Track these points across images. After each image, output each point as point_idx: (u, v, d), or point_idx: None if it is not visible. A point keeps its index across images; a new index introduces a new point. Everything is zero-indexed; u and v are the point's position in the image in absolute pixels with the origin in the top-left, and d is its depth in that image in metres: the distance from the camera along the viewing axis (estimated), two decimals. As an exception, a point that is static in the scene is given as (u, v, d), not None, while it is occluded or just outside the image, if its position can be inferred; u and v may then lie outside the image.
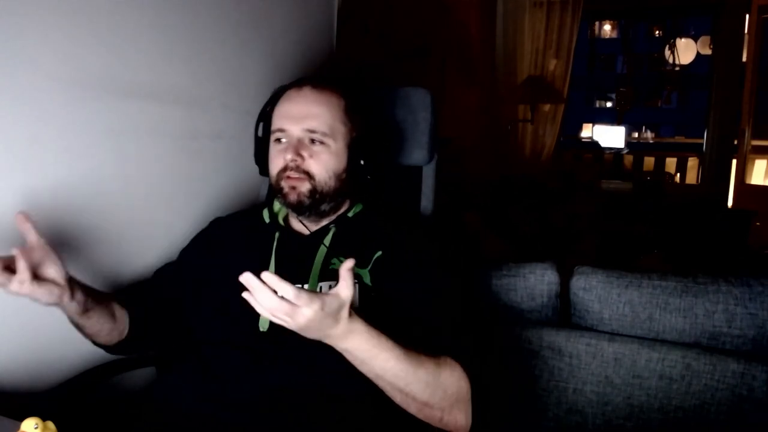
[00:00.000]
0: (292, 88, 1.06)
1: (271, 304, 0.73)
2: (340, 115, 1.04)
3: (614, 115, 11.72)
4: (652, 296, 1.24)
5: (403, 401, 0.88)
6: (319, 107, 1.02)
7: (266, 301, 0.73)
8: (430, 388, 0.87)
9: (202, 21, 1.30)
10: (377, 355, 0.83)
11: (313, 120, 1.01)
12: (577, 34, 5.10)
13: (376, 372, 0.85)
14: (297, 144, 1.01)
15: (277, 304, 0.73)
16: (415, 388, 0.86)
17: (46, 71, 1.00)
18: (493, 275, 1.36)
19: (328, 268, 1.02)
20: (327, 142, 1.02)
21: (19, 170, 0.99)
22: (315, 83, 1.05)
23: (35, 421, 0.68)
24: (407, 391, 0.86)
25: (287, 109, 1.04)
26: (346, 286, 0.77)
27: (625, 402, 1.23)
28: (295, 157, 1.01)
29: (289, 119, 1.02)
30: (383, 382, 0.86)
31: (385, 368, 0.84)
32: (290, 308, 0.73)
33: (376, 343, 0.82)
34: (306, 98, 1.03)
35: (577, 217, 3.91)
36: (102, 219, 1.14)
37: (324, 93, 1.04)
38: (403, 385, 0.86)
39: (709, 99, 5.10)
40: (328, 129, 1.02)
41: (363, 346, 0.82)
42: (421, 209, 1.33)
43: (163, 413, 0.96)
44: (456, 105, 4.08)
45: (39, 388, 1.04)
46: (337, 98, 1.05)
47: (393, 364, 0.83)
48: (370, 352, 0.83)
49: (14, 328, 1.02)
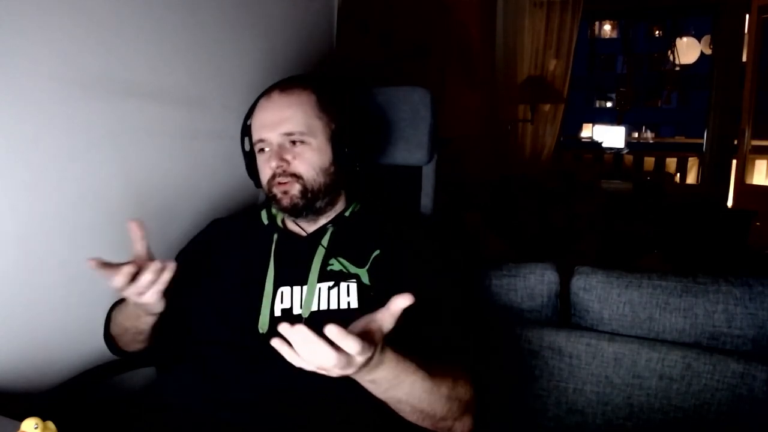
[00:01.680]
0: (263, 98, 1.07)
1: (330, 363, 0.66)
2: (313, 110, 1.04)
3: (614, 115, 11.71)
4: (652, 296, 1.24)
5: (418, 419, 0.87)
6: (290, 108, 1.03)
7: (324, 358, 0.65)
8: (448, 404, 0.87)
9: (201, 21, 1.30)
10: (403, 381, 0.80)
11: (288, 123, 1.02)
12: (577, 34, 5.11)
13: (398, 398, 0.82)
14: (278, 150, 1.03)
15: (336, 360, 0.65)
16: (436, 406, 0.85)
17: (46, 71, 1.00)
18: (493, 275, 1.36)
19: (326, 269, 1.02)
20: (307, 141, 1.03)
21: (20, 170, 0.99)
22: (282, 87, 1.06)
23: (35, 421, 0.68)
24: (428, 410, 0.85)
25: (262, 118, 1.05)
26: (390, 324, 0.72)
27: (625, 402, 1.23)
28: (279, 163, 1.02)
29: (265, 128, 1.03)
30: (404, 405, 0.84)
31: (410, 393, 0.82)
32: (347, 360, 0.67)
33: (403, 369, 0.79)
34: (276, 103, 1.04)
35: (577, 217, 3.91)
36: (102, 219, 1.13)
37: (292, 93, 1.04)
38: (426, 405, 0.84)
39: (709, 99, 5.11)
40: (304, 127, 1.03)
41: (390, 375, 0.78)
42: (421, 209, 1.33)
43: (163, 413, 0.96)
44: (456, 105, 4.08)
45: (39, 388, 1.04)
46: (307, 95, 1.05)
47: (418, 386, 0.81)
48: (397, 379, 0.79)
49: (14, 328, 1.02)
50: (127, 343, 1.06)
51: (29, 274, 0.93)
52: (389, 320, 0.72)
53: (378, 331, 0.72)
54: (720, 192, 4.88)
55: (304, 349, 0.65)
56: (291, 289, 1.02)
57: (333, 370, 0.68)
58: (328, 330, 0.64)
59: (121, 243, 1.18)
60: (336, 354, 0.65)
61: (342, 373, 0.70)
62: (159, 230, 1.26)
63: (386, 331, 0.73)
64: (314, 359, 0.66)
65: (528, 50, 5.06)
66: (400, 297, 0.71)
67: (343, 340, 0.65)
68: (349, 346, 0.65)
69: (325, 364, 0.66)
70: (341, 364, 0.67)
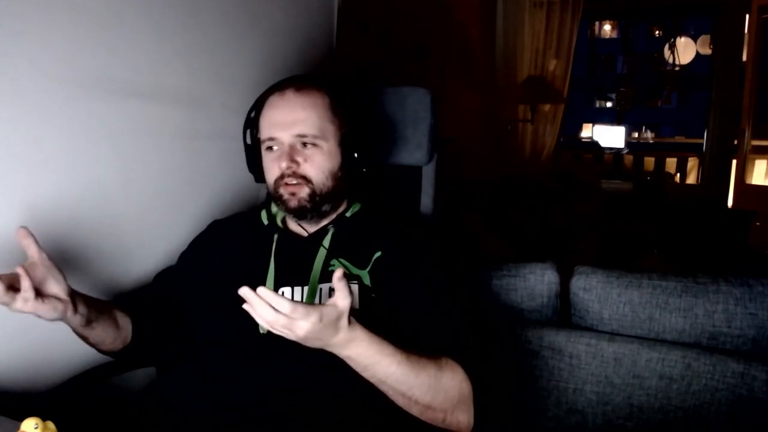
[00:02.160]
0: (275, 94, 1.04)
1: (269, 318, 0.74)
2: (326, 113, 1.03)
3: (614, 115, 11.71)
4: (652, 296, 1.24)
5: (405, 404, 0.89)
6: (305, 110, 1.01)
7: (265, 315, 0.74)
8: (432, 391, 0.88)
9: (201, 21, 1.30)
10: (379, 361, 0.84)
11: (302, 125, 1.01)
12: (577, 34, 5.11)
13: (378, 377, 0.86)
14: (290, 150, 1.01)
15: (275, 318, 0.74)
16: (417, 391, 0.87)
17: (46, 71, 1.00)
18: (493, 275, 1.36)
19: (328, 270, 1.02)
20: (319, 144, 1.02)
21: (20, 170, 0.99)
22: (297, 85, 1.04)
23: (35, 421, 0.68)
24: (410, 395, 0.87)
25: (274, 116, 1.03)
26: (343, 296, 0.78)
27: (625, 402, 1.23)
28: (290, 164, 1.00)
29: (277, 127, 1.02)
30: (386, 387, 0.87)
31: (388, 373, 0.85)
32: (288, 321, 0.75)
33: (378, 350, 0.84)
34: (290, 103, 1.02)
35: (577, 217, 3.91)
36: (102, 220, 1.13)
37: (308, 94, 1.03)
38: (406, 389, 0.87)
39: (709, 99, 5.10)
40: (317, 131, 1.01)
41: (365, 353, 0.83)
42: (421, 209, 1.33)
43: (163, 413, 0.96)
44: (456, 105, 4.08)
45: (39, 388, 1.04)
46: (321, 97, 1.04)
47: (395, 369, 0.85)
48: (372, 359, 0.84)
49: (14, 328, 1.01)
50: (104, 346, 1.03)
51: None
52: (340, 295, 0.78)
53: (332, 306, 0.78)
54: (720, 192, 4.88)
55: (257, 309, 0.74)
56: (292, 289, 1.02)
57: (283, 332, 0.76)
58: (260, 290, 0.74)
59: (122, 242, 1.19)
60: (275, 313, 0.74)
61: (296, 337, 0.77)
62: (159, 230, 1.26)
63: (342, 306, 0.78)
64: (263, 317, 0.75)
65: (528, 50, 5.06)
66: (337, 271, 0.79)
67: (273, 299, 0.74)
68: (280, 304, 0.74)
69: (269, 321, 0.75)
70: (282, 323, 0.75)
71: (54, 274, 0.87)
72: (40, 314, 0.85)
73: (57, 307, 0.86)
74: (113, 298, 1.12)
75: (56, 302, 0.86)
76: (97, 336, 0.99)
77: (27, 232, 0.86)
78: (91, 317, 0.94)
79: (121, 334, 1.03)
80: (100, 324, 0.97)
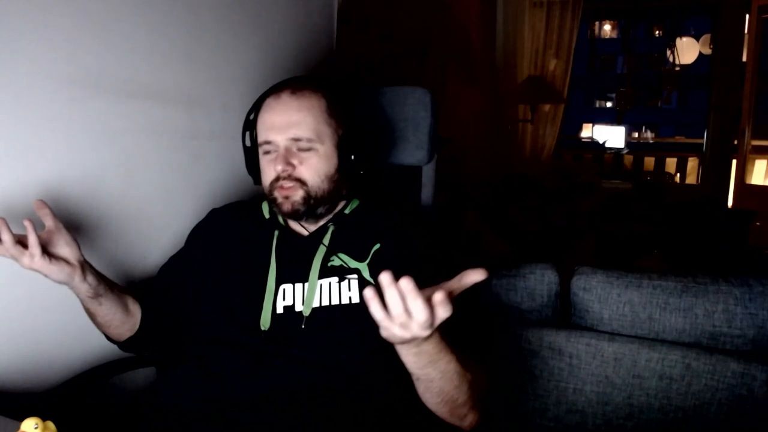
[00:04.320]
0: (272, 96, 1.05)
1: (397, 311, 0.70)
2: (323, 116, 1.03)
3: (614, 115, 11.71)
4: (652, 296, 1.24)
5: (440, 402, 0.88)
6: (300, 113, 1.01)
7: (395, 307, 0.70)
8: (469, 391, 0.88)
9: (201, 21, 1.30)
10: (442, 358, 0.82)
11: (297, 128, 1.01)
12: (577, 34, 5.10)
13: (432, 376, 0.84)
14: (285, 153, 1.01)
15: (401, 311, 0.70)
16: (461, 390, 0.87)
17: (46, 71, 1.00)
18: (493, 275, 1.36)
19: (327, 266, 1.03)
20: (315, 147, 1.02)
21: (20, 170, 0.99)
22: (293, 88, 1.04)
23: (35, 421, 0.68)
24: (453, 394, 0.87)
25: (270, 119, 1.03)
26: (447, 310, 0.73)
27: (625, 402, 1.23)
28: (285, 167, 1.00)
29: (273, 130, 1.02)
30: (435, 384, 0.85)
31: (445, 372, 0.84)
32: (407, 320, 0.71)
33: (444, 346, 0.82)
34: (286, 105, 1.02)
35: (577, 217, 3.91)
36: (102, 220, 1.14)
37: (303, 97, 1.03)
38: (452, 388, 0.86)
39: (709, 99, 5.10)
40: (313, 134, 1.01)
41: (434, 350, 0.81)
42: (421, 209, 1.33)
43: (163, 413, 0.96)
44: (456, 105, 4.07)
45: (39, 388, 1.04)
46: (317, 99, 1.03)
47: (452, 367, 0.84)
48: (437, 356, 0.82)
49: (14, 328, 1.02)
50: (112, 329, 1.05)
51: (29, 274, 0.92)
52: (457, 292, 0.73)
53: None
54: (720, 192, 4.88)
55: (388, 296, 0.70)
56: (293, 286, 1.02)
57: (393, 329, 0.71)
58: (404, 282, 0.68)
59: (122, 242, 1.19)
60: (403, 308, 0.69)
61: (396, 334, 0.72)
62: (159, 230, 1.26)
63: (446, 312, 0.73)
64: (392, 307, 0.70)
65: (528, 50, 5.06)
66: (474, 272, 0.73)
67: (412, 291, 0.69)
68: (416, 306, 0.69)
69: (395, 313, 0.70)
70: (402, 320, 0.70)
71: (66, 239, 0.92)
72: (47, 274, 0.89)
73: (64, 268, 0.90)
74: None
75: (64, 264, 0.90)
76: (105, 314, 1.01)
77: (43, 203, 0.91)
78: (100, 291, 0.96)
79: (130, 320, 1.05)
80: (109, 301, 0.99)
